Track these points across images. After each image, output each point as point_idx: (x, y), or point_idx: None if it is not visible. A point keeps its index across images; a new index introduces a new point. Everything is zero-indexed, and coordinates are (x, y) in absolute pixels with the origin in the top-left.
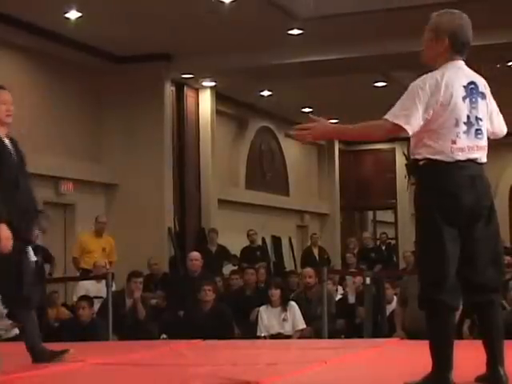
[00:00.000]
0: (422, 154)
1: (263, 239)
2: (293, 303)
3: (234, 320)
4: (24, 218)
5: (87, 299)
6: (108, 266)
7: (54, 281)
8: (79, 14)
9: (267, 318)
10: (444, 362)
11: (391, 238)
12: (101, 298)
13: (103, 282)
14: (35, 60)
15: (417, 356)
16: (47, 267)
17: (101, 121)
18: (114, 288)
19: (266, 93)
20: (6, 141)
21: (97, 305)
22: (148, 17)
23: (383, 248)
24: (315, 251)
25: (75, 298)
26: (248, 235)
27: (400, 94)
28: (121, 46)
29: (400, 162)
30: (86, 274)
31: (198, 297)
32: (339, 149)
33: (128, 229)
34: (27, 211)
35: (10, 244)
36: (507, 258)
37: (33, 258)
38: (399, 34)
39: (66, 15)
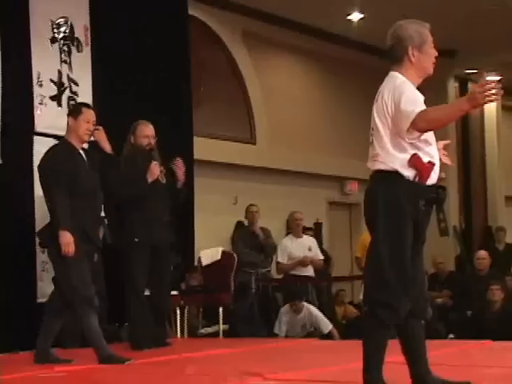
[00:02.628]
0: None
1: None
2: None
3: None
4: (96, 225)
5: None
6: None
7: (340, 279)
8: (361, 16)
9: None
10: None
11: None
12: None
13: None
14: (318, 62)
15: None
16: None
17: None
18: None
19: None
20: (82, 153)
21: None
22: (431, 14)
23: None
24: None
25: (361, 297)
26: None
27: None
28: None
29: None
30: None
31: (485, 296)
32: None
33: None
34: (98, 219)
35: (71, 249)
36: None
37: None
38: None
39: (349, 17)
